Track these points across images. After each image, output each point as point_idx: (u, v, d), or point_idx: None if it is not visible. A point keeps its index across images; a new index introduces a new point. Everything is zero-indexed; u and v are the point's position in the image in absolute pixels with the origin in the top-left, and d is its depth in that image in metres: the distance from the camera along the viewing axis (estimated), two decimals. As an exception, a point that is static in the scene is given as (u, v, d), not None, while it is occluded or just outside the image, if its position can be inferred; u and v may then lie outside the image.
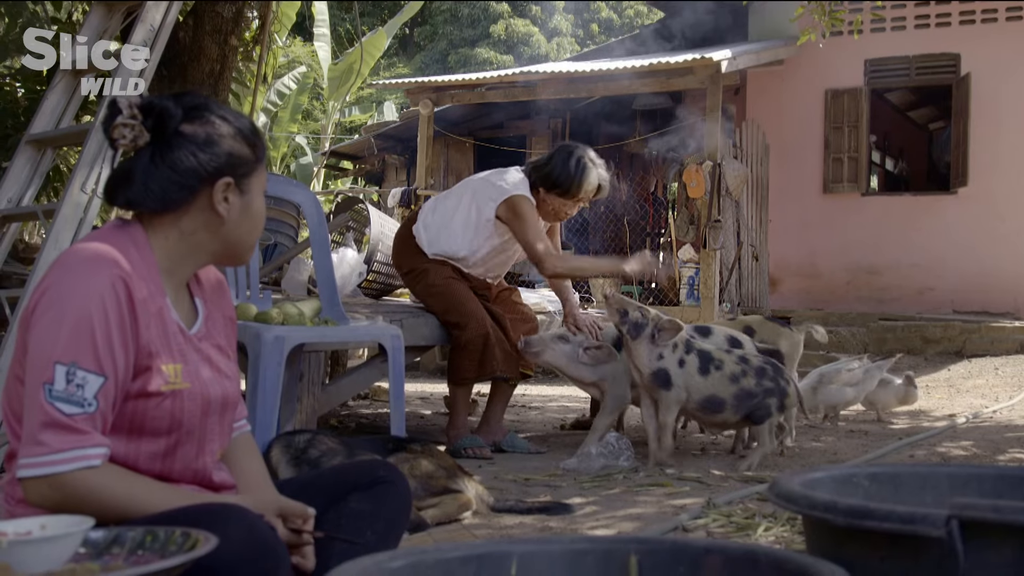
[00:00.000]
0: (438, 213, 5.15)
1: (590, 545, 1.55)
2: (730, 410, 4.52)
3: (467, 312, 4.98)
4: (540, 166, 5.04)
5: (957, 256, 12.03)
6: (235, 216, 2.04)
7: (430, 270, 5.07)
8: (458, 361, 5.00)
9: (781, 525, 3.21)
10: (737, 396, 4.49)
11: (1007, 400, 7.49)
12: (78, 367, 1.81)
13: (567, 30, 28.99)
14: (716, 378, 4.50)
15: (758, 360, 4.63)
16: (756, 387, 4.50)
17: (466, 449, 4.88)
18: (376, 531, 2.17)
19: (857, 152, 12.80)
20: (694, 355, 4.51)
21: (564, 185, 4.97)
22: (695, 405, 4.53)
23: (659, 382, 4.47)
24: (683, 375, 4.47)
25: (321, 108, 24.17)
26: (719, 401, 4.50)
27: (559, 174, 4.96)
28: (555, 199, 5.02)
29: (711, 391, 4.49)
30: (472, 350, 4.95)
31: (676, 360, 4.48)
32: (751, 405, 4.50)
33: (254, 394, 3.72)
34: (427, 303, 5.13)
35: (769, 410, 4.52)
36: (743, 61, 11.12)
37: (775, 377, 4.56)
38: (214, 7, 6.75)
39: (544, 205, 5.04)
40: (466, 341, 4.94)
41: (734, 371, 4.52)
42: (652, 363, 4.48)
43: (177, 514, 1.78)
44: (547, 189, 5.00)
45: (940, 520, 1.45)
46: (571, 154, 5.01)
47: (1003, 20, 12.15)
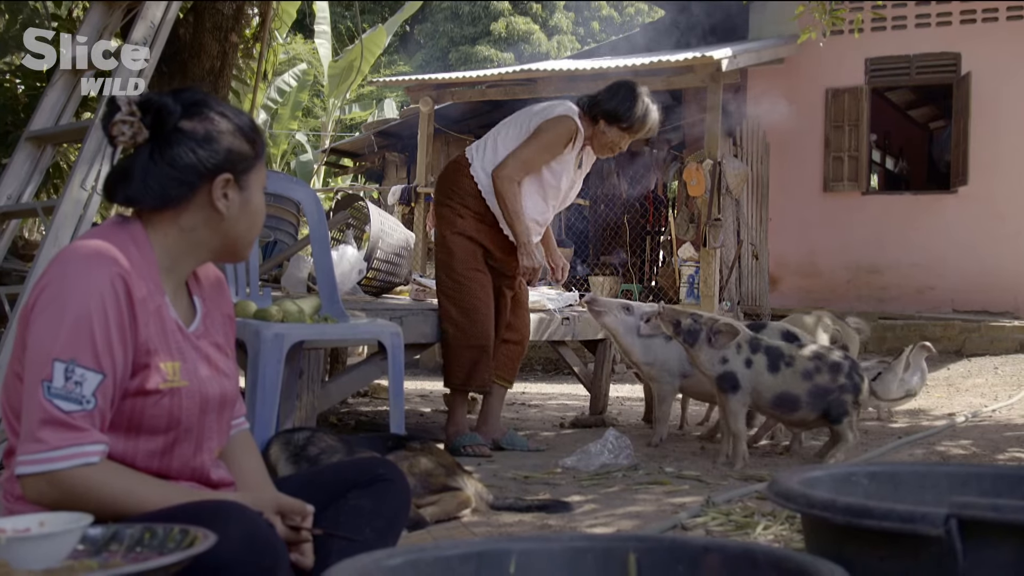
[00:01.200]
0: (490, 145, 5.08)
1: (589, 543, 1.55)
2: (806, 407, 4.46)
3: (475, 319, 4.96)
4: (601, 100, 5.04)
5: (957, 255, 12.02)
6: (234, 212, 2.04)
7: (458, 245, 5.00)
8: (450, 366, 5.02)
9: (780, 524, 3.21)
10: (812, 393, 4.44)
11: (1006, 399, 7.49)
12: (77, 364, 1.81)
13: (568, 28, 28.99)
14: (787, 375, 4.45)
15: (833, 355, 4.57)
16: (831, 383, 4.45)
17: (465, 447, 4.88)
18: (375, 529, 2.17)
19: (857, 151, 12.79)
20: (761, 353, 4.47)
21: (629, 120, 5.00)
22: (768, 404, 4.50)
23: (727, 385, 4.44)
24: (751, 375, 4.45)
25: (321, 105, 24.17)
26: (793, 398, 4.45)
27: (625, 109, 4.99)
28: (615, 132, 5.03)
29: (783, 388, 4.44)
30: (464, 360, 4.96)
31: (742, 361, 4.45)
32: (827, 402, 4.45)
33: (253, 391, 3.72)
34: (442, 283, 5.07)
35: (845, 407, 4.47)
36: (743, 60, 11.12)
37: (851, 373, 4.50)
38: (214, 4, 6.75)
39: (601, 137, 5.06)
40: (461, 347, 4.96)
41: (807, 367, 4.47)
42: (716, 367, 4.45)
43: (176, 511, 1.78)
44: (608, 122, 5.01)
45: (939, 519, 1.45)
46: (635, 91, 5.05)
47: (1004, 19, 12.14)
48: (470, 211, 5.01)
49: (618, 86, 5.10)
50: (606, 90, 5.10)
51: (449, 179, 5.15)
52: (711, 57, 10.23)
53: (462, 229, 5.01)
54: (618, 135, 5.06)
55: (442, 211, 5.11)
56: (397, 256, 6.47)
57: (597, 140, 5.10)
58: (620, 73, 11.00)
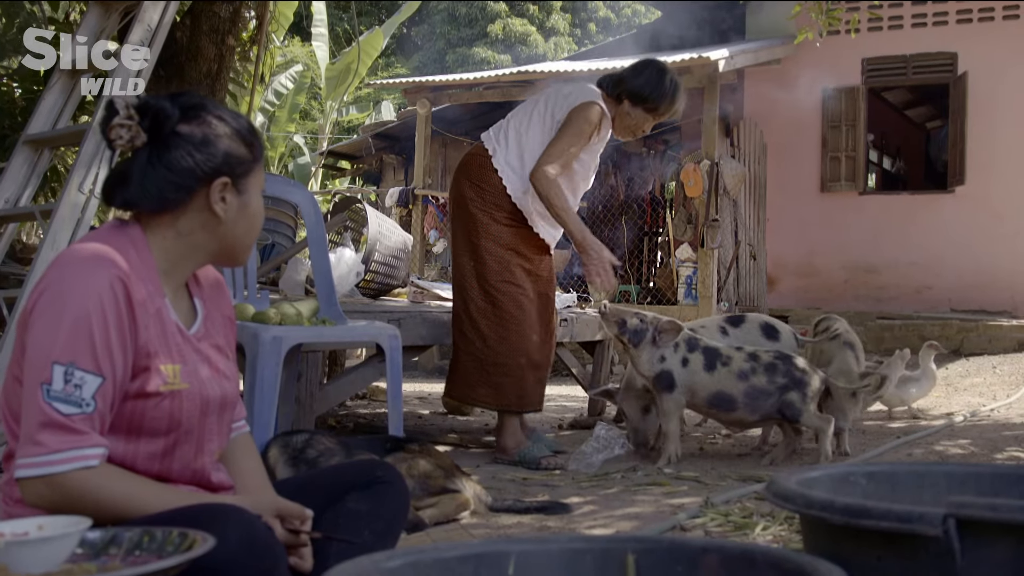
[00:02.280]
0: (511, 136, 4.83)
1: (587, 544, 1.56)
2: (743, 408, 4.46)
3: (506, 335, 4.73)
4: (626, 79, 4.79)
5: (955, 255, 12.04)
6: (232, 216, 2.04)
7: (492, 253, 4.76)
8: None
9: (779, 524, 3.21)
10: (748, 394, 4.43)
11: (1005, 398, 7.49)
12: (76, 367, 1.81)
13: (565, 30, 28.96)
14: (723, 374, 4.44)
15: (768, 356, 4.54)
16: (768, 384, 4.44)
17: (539, 460, 4.65)
18: (374, 531, 2.17)
19: (855, 151, 12.80)
20: (699, 352, 4.47)
21: (656, 101, 4.78)
22: (703, 402, 4.49)
23: (662, 384, 4.43)
24: (687, 374, 4.44)
25: (319, 108, 24.16)
26: (728, 398, 4.44)
27: (652, 89, 4.76)
28: (640, 114, 4.81)
29: (718, 387, 4.44)
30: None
31: (679, 360, 4.44)
32: (768, 404, 4.44)
33: (252, 394, 3.72)
34: (469, 292, 4.80)
35: (795, 405, 4.44)
36: (740, 60, 11.13)
37: (788, 371, 4.48)
38: (211, 7, 6.75)
39: (625, 119, 4.84)
40: (489, 364, 4.74)
41: (742, 368, 4.45)
42: (654, 366, 4.45)
43: (175, 514, 1.78)
44: (634, 103, 4.79)
45: (937, 519, 1.45)
46: (663, 71, 4.81)
47: (1000, 19, 12.16)
48: (504, 212, 4.78)
49: (644, 64, 4.86)
50: (631, 69, 4.85)
51: (475, 175, 4.84)
52: (708, 58, 10.24)
53: (496, 235, 4.77)
54: (643, 117, 4.84)
55: (473, 212, 4.80)
56: (395, 258, 6.47)
57: (620, 122, 4.87)
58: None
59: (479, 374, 4.78)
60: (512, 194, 4.76)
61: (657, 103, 4.80)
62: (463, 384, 4.84)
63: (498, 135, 4.87)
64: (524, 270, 4.82)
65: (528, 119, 4.82)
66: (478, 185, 4.81)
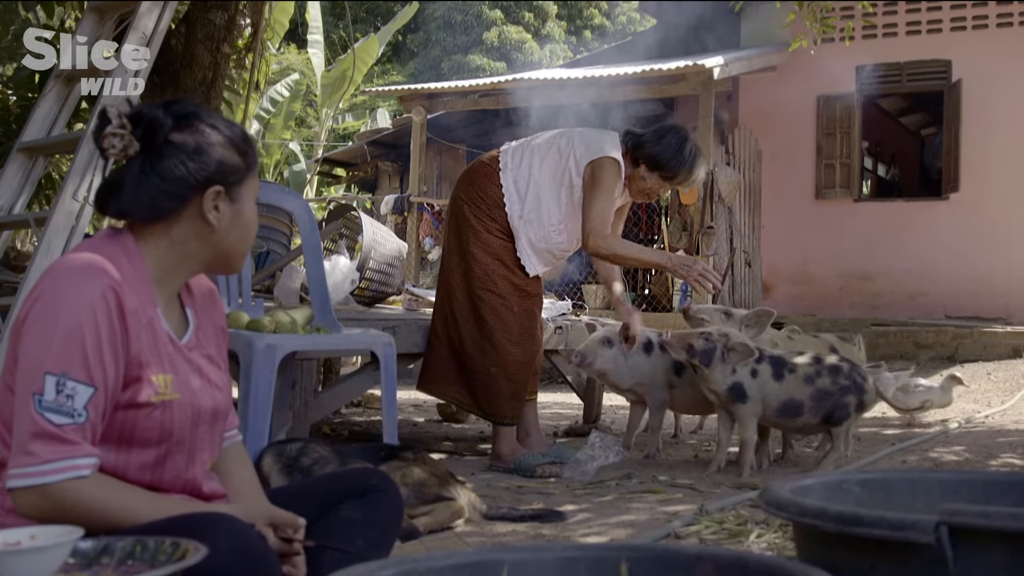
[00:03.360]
0: (526, 161, 4.82)
1: (581, 552, 1.55)
2: (809, 412, 4.46)
3: (533, 335, 4.78)
4: (646, 143, 4.73)
5: (949, 261, 12.05)
6: (225, 224, 2.04)
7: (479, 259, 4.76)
8: (502, 395, 4.77)
9: (773, 532, 3.21)
10: (814, 397, 4.43)
11: (999, 405, 7.51)
12: (68, 377, 1.80)
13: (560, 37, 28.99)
14: (791, 381, 4.45)
15: (832, 359, 4.58)
16: (832, 385, 4.45)
17: (535, 468, 4.62)
18: (368, 539, 2.17)
19: (849, 158, 12.83)
20: (766, 363, 4.47)
21: (673, 169, 4.73)
22: (773, 412, 4.49)
23: (735, 396, 4.43)
24: (757, 385, 4.44)
25: (314, 115, 24.17)
26: (797, 404, 4.44)
27: (671, 158, 4.70)
28: (656, 180, 4.77)
29: (788, 395, 4.44)
30: (517, 379, 4.77)
31: (748, 372, 4.44)
32: (830, 405, 4.45)
33: (246, 402, 3.71)
34: (489, 304, 4.77)
35: (848, 409, 4.46)
36: (735, 67, 11.15)
37: (851, 374, 4.50)
38: (206, 15, 6.75)
39: (640, 183, 4.80)
40: (515, 368, 4.75)
41: (808, 372, 4.46)
42: (726, 380, 4.44)
43: (167, 524, 1.78)
44: (650, 168, 4.74)
45: (929, 526, 1.45)
46: (685, 139, 4.76)
47: (993, 26, 12.19)
48: (497, 224, 4.78)
49: (666, 130, 4.79)
50: (653, 132, 4.77)
51: (479, 183, 4.85)
52: (703, 65, 10.27)
53: (486, 243, 4.77)
54: (658, 183, 4.79)
55: (468, 216, 4.81)
56: (390, 266, 6.47)
57: (635, 184, 4.83)
58: (612, 81, 11.03)
59: (455, 372, 4.82)
60: (509, 213, 4.78)
61: (675, 172, 4.75)
62: (437, 378, 4.88)
63: (515, 154, 4.87)
64: (510, 283, 4.80)
65: (546, 153, 4.81)
66: (479, 193, 4.82)
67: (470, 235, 4.79)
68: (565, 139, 4.82)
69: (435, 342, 4.90)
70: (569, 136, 4.84)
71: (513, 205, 4.77)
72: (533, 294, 4.91)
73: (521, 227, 4.78)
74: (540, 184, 4.75)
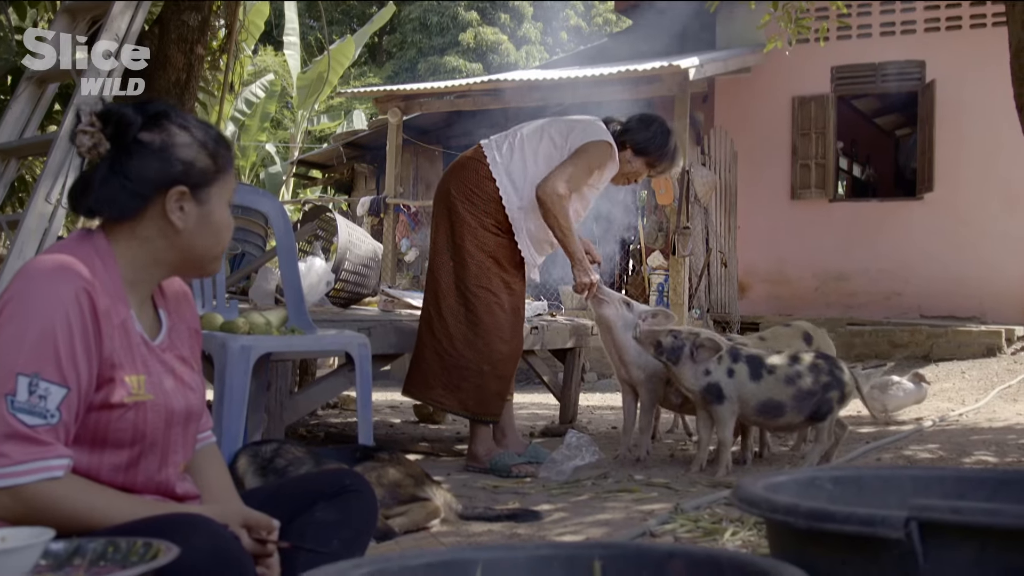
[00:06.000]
0: (518, 149, 4.85)
1: (554, 551, 1.56)
2: (792, 412, 4.47)
3: (519, 333, 4.82)
4: (632, 130, 4.94)
5: (924, 261, 12.14)
6: (191, 226, 2.02)
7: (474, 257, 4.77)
8: (490, 392, 4.78)
9: (748, 529, 3.23)
10: (796, 397, 4.44)
11: (973, 403, 7.56)
12: (41, 378, 1.79)
13: (536, 38, 29.02)
14: (770, 382, 4.46)
15: (809, 357, 4.58)
16: (814, 384, 4.46)
17: (511, 468, 4.64)
18: (342, 540, 2.16)
19: (824, 158, 12.89)
20: (743, 363, 4.47)
21: (658, 156, 4.97)
22: (753, 411, 4.50)
23: (711, 397, 4.44)
24: (734, 385, 4.45)
25: (290, 117, 24.11)
26: (777, 404, 4.45)
27: (658, 145, 4.94)
28: (640, 164, 4.96)
29: (767, 395, 4.45)
30: (505, 376, 4.81)
31: (724, 371, 4.44)
32: (814, 403, 4.46)
33: (221, 404, 3.70)
34: (484, 301, 4.78)
35: (831, 404, 4.48)
36: (711, 68, 11.19)
37: (830, 370, 4.51)
38: (180, 16, 6.72)
39: (625, 167, 4.95)
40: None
41: (788, 373, 4.47)
42: (700, 380, 4.45)
43: (140, 525, 1.77)
44: (636, 153, 4.93)
45: (899, 522, 1.46)
46: (669, 132, 5.03)
47: (967, 27, 12.29)
48: (491, 220, 4.80)
49: (651, 119, 5.01)
50: (638, 120, 4.98)
51: (470, 179, 4.85)
52: (678, 66, 10.30)
53: (481, 240, 4.78)
54: (642, 167, 4.98)
55: (461, 213, 4.81)
56: (365, 267, 6.46)
57: (620, 168, 4.96)
58: (588, 82, 11.05)
59: (440, 374, 4.80)
60: (507, 206, 4.79)
61: (659, 158, 4.98)
62: (422, 383, 4.86)
63: (501, 145, 4.90)
64: (502, 280, 4.82)
65: (539, 141, 4.85)
66: (470, 189, 4.82)
67: (464, 231, 4.79)
68: (555, 127, 4.89)
69: (420, 348, 4.89)
70: (558, 123, 4.92)
71: (510, 197, 4.79)
72: (519, 292, 4.94)
73: (522, 218, 4.80)
74: (536, 174, 4.77)
